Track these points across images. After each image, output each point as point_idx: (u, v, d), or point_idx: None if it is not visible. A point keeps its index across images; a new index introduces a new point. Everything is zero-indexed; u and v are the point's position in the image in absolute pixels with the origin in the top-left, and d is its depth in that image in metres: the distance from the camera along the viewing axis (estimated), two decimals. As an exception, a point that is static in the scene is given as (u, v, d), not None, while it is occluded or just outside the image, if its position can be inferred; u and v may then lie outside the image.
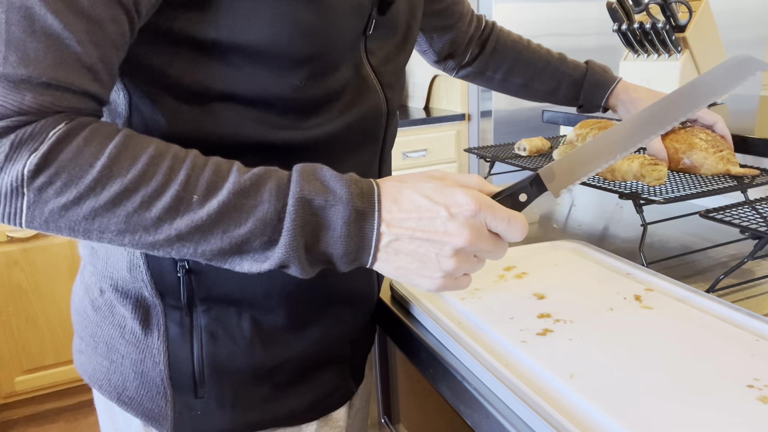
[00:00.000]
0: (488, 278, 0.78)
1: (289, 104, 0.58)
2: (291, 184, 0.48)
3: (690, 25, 1.34)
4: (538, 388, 0.54)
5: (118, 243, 0.47)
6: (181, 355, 0.63)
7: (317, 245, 0.49)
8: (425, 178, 0.52)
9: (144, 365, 0.63)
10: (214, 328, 0.62)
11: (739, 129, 1.11)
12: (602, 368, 0.56)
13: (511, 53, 1.02)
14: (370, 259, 0.51)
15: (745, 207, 0.80)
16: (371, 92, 0.65)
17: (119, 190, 0.45)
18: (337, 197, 0.49)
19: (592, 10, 2.45)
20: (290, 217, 0.47)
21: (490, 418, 0.56)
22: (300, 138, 0.60)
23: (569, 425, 0.48)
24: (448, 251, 0.50)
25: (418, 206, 0.50)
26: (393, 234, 0.50)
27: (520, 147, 1.23)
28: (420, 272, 0.51)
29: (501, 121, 2.47)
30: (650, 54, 1.41)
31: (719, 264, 0.86)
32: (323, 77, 0.59)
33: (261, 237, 0.48)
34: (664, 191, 0.92)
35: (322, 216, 0.48)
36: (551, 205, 1.24)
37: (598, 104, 1.01)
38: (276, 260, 0.48)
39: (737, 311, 0.65)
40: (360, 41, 0.63)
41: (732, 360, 0.57)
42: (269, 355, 0.65)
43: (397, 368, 0.90)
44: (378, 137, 0.69)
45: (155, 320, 0.63)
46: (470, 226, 0.49)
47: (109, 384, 0.66)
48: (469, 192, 0.50)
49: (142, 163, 0.46)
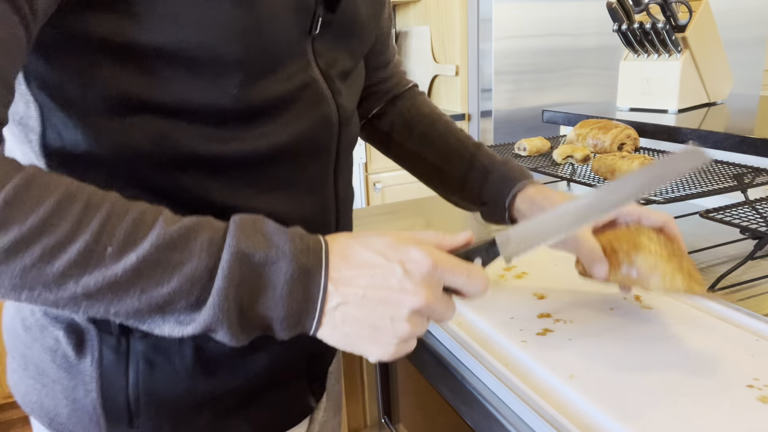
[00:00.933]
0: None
1: (224, 114, 0.52)
2: (227, 236, 0.43)
3: (690, 25, 1.34)
4: (537, 388, 0.54)
5: (13, 299, 0.40)
6: (115, 383, 0.57)
7: (254, 307, 0.44)
8: (377, 234, 0.47)
9: (76, 392, 0.58)
10: (151, 355, 0.57)
11: (739, 129, 1.11)
12: (602, 368, 0.56)
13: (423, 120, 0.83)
14: (314, 323, 0.45)
15: (745, 207, 0.80)
16: (321, 99, 0.59)
17: (14, 239, 0.38)
18: (280, 252, 0.43)
19: (592, 10, 2.45)
20: (223, 274, 0.42)
21: (490, 418, 0.56)
22: (240, 151, 0.54)
23: (569, 425, 0.48)
24: (403, 313, 0.45)
25: (370, 263, 0.45)
26: (341, 295, 0.44)
27: (520, 147, 1.23)
28: (372, 339, 0.45)
29: (501, 121, 2.47)
30: (650, 54, 1.41)
31: (719, 264, 0.86)
32: (262, 83, 0.53)
33: (188, 297, 0.42)
34: (664, 191, 0.92)
35: (262, 273, 0.43)
36: (551, 205, 1.24)
37: (504, 200, 0.73)
38: (201, 323, 0.43)
39: (737, 311, 0.65)
40: (305, 42, 0.56)
41: (732, 360, 0.57)
42: (213, 383, 0.59)
43: (397, 368, 0.90)
44: (330, 149, 0.62)
45: (89, 345, 0.57)
46: (427, 284, 0.45)
47: (41, 408, 0.61)
48: (424, 248, 0.46)
49: (45, 208, 0.39)
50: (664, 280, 0.57)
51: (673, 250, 0.59)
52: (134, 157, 0.51)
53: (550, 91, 2.51)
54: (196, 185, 0.53)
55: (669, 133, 1.21)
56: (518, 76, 2.44)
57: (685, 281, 0.57)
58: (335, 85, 0.60)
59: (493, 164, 0.75)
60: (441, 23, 2.67)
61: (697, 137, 1.14)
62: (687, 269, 0.58)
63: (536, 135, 1.39)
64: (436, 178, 0.81)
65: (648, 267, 0.57)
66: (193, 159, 0.52)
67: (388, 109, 0.84)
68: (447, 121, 0.82)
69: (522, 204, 0.70)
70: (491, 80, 2.42)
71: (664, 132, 1.22)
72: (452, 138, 0.79)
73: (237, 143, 0.53)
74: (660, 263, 0.57)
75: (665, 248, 0.59)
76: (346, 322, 0.45)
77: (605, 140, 1.13)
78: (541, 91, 2.50)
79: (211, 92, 0.50)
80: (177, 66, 0.48)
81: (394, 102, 0.85)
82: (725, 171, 1.00)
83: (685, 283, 0.57)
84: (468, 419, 0.60)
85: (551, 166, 1.13)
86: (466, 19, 2.53)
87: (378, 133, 0.85)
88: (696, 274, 0.59)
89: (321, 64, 0.58)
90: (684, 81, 1.37)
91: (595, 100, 2.54)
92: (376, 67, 0.81)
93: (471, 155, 0.77)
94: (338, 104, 0.61)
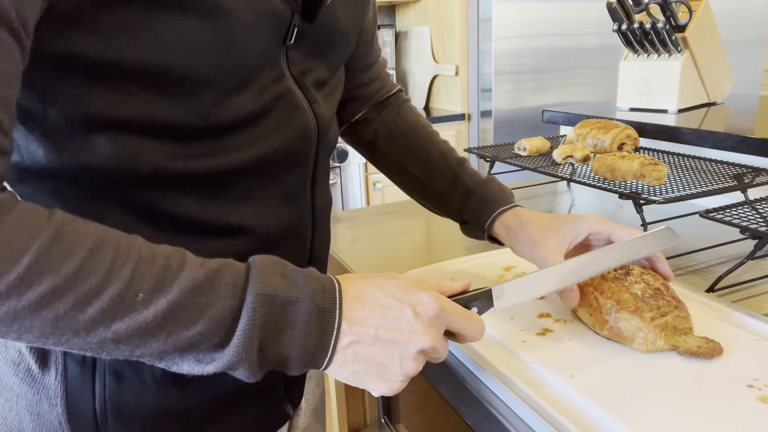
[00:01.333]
0: (488, 278, 0.78)
1: (194, 131, 0.51)
2: (250, 279, 0.45)
3: (690, 25, 1.34)
4: (538, 388, 0.54)
5: (37, 344, 0.41)
6: (81, 397, 0.55)
7: (274, 346, 0.45)
8: (385, 276, 0.50)
9: (40, 407, 0.56)
10: (119, 367, 0.55)
11: (739, 129, 1.11)
12: (602, 368, 0.56)
13: (407, 132, 0.82)
14: (326, 361, 0.47)
15: (745, 207, 0.80)
16: (296, 109, 0.58)
17: (48, 289, 0.38)
18: (300, 293, 0.45)
19: (592, 10, 2.45)
20: (247, 315, 0.43)
21: (490, 417, 0.56)
22: (211, 167, 0.53)
23: (569, 425, 0.48)
24: (411, 353, 0.47)
25: (382, 304, 0.48)
26: (354, 334, 0.47)
27: (520, 147, 1.23)
28: (380, 376, 0.48)
29: (501, 121, 2.47)
30: (650, 54, 1.41)
31: (719, 264, 0.86)
32: (233, 98, 0.52)
33: (212, 338, 0.43)
34: (664, 191, 0.92)
35: (284, 314, 0.45)
36: (551, 204, 1.24)
37: (483, 223, 0.74)
38: (223, 362, 0.44)
39: (737, 311, 0.65)
40: (279, 52, 0.55)
41: (732, 360, 0.57)
42: (184, 395, 0.58)
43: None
44: (307, 160, 0.61)
45: (53, 358, 0.55)
46: (434, 326, 0.48)
47: (5, 423, 0.59)
48: (431, 292, 0.49)
49: (78, 258, 0.39)
50: (646, 344, 0.58)
51: (657, 305, 0.60)
52: (100, 172, 0.49)
53: (550, 91, 2.51)
54: (166, 200, 0.52)
55: (669, 133, 1.21)
56: (518, 76, 2.44)
57: (668, 340, 0.58)
58: (311, 94, 0.59)
59: (475, 184, 0.76)
60: (441, 23, 2.67)
61: (697, 137, 1.14)
62: (671, 325, 0.59)
63: (536, 135, 1.39)
64: (418, 191, 0.81)
65: (630, 329, 0.59)
66: (162, 175, 0.51)
67: (372, 116, 0.83)
68: (431, 133, 0.83)
69: (499, 228, 0.73)
70: (491, 80, 2.42)
71: (664, 132, 1.22)
72: (436, 152, 0.80)
73: (208, 159, 0.52)
74: (642, 325, 0.59)
75: (650, 302, 0.60)
76: (356, 360, 0.47)
77: (605, 140, 1.13)
78: (541, 91, 2.50)
79: (180, 109, 0.49)
80: (144, 83, 0.47)
81: (378, 109, 0.84)
82: (725, 171, 1.00)
83: (668, 343, 0.58)
84: (468, 419, 0.60)
85: (551, 166, 1.13)
86: (466, 19, 2.53)
87: (361, 139, 0.85)
88: (682, 323, 0.59)
89: (295, 73, 0.57)
90: (684, 81, 1.37)
91: (595, 100, 2.54)
92: (359, 69, 0.80)
93: (454, 173, 0.78)
94: (316, 113, 0.60)
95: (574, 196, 1.29)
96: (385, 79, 0.85)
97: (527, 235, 0.69)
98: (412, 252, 1.00)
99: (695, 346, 0.58)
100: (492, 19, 2.35)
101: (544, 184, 1.39)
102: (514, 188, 1.35)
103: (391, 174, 0.84)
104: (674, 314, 0.59)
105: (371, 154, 0.85)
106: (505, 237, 0.72)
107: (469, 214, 0.76)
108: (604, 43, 2.50)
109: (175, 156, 0.51)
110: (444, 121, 2.61)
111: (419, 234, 1.06)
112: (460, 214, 0.77)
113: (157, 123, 0.48)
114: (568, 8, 2.43)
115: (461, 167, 0.78)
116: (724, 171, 1.00)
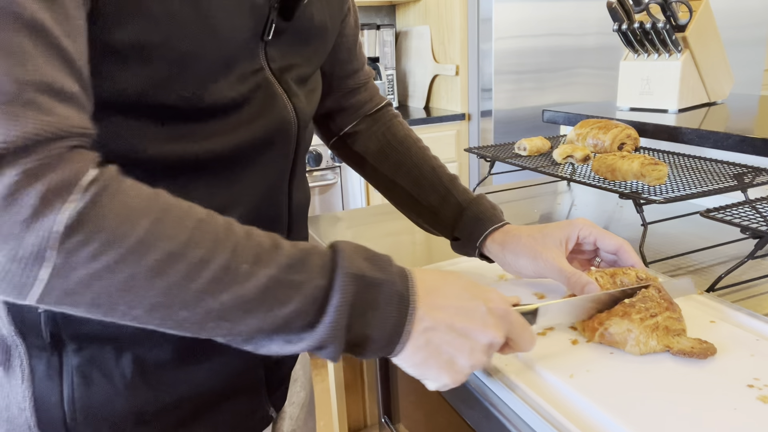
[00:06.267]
0: (488, 278, 0.78)
1: (178, 113, 0.51)
2: (338, 260, 0.46)
3: (690, 25, 1.34)
4: (538, 388, 0.54)
5: (141, 322, 0.41)
6: (49, 400, 0.54)
7: (360, 325, 0.46)
8: (451, 274, 0.53)
9: (9, 411, 0.56)
10: (87, 369, 0.54)
11: (739, 129, 1.11)
12: (602, 368, 0.56)
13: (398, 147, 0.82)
14: (399, 346, 0.48)
15: (746, 206, 0.80)
16: (275, 101, 0.58)
17: (164, 255, 0.39)
18: (385, 274, 0.47)
19: (592, 10, 2.45)
20: (340, 293, 0.45)
21: (490, 417, 0.56)
22: (191, 151, 0.53)
23: (569, 424, 0.48)
24: (482, 345, 0.50)
25: (458, 296, 0.50)
26: (432, 319, 0.48)
27: (520, 147, 1.23)
28: (449, 365, 0.49)
29: (501, 120, 2.47)
30: (650, 54, 1.41)
31: (719, 264, 0.86)
32: (214, 82, 0.52)
33: (304, 318, 0.45)
34: (664, 191, 0.92)
35: (370, 294, 0.46)
36: (551, 204, 1.24)
37: (475, 241, 0.74)
38: (314, 340, 0.45)
39: (737, 311, 0.65)
40: (257, 47, 0.56)
41: (732, 360, 0.57)
42: (155, 396, 0.57)
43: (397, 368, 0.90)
44: (288, 153, 0.62)
45: (17, 362, 0.54)
46: (504, 323, 0.51)
47: None
48: (500, 294, 0.52)
49: (188, 228, 0.41)
50: (638, 345, 0.58)
51: (645, 307, 0.60)
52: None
53: (550, 90, 2.51)
54: (144, 183, 0.50)
55: (669, 133, 1.21)
56: (518, 75, 2.44)
57: (661, 341, 0.58)
58: (291, 88, 0.60)
59: (467, 201, 0.76)
60: (441, 23, 2.67)
61: (697, 137, 1.14)
62: (663, 325, 0.58)
63: (536, 135, 1.39)
64: (409, 206, 0.81)
65: (621, 332, 0.59)
66: (142, 157, 0.50)
67: (361, 129, 0.83)
68: (422, 148, 0.82)
69: (491, 246, 0.73)
70: (491, 80, 2.42)
71: (664, 132, 1.22)
72: (427, 168, 0.79)
73: (188, 143, 0.52)
74: (632, 327, 0.58)
75: (637, 304, 0.60)
76: (428, 346, 0.49)
77: (605, 140, 1.13)
78: (541, 90, 2.50)
79: (162, 92, 0.49)
80: (127, 63, 0.46)
81: (368, 123, 0.83)
82: (725, 171, 1.00)
83: (661, 344, 0.58)
84: (468, 419, 0.60)
85: (551, 165, 1.13)
86: (466, 18, 2.53)
87: (351, 153, 0.84)
88: (675, 324, 0.59)
89: (274, 68, 0.58)
90: (684, 81, 1.37)
91: (595, 99, 2.54)
92: (344, 75, 0.80)
93: (445, 190, 0.77)
94: (296, 107, 0.60)
95: (574, 196, 1.29)
96: (372, 91, 0.85)
97: (526, 248, 0.69)
98: (412, 252, 1.00)
99: (688, 346, 0.57)
100: (492, 18, 2.35)
101: (544, 183, 1.39)
102: (514, 188, 1.35)
103: (381, 188, 0.84)
104: (665, 315, 0.59)
105: (362, 168, 0.85)
106: (499, 254, 0.72)
107: (461, 231, 0.75)
108: (604, 43, 2.50)
109: (155, 138, 0.51)
110: (444, 120, 2.60)
111: (419, 234, 1.06)
112: (451, 231, 0.77)
113: (140, 104, 0.49)
114: (568, 8, 2.43)
115: (453, 184, 0.78)
116: (724, 171, 1.00)
